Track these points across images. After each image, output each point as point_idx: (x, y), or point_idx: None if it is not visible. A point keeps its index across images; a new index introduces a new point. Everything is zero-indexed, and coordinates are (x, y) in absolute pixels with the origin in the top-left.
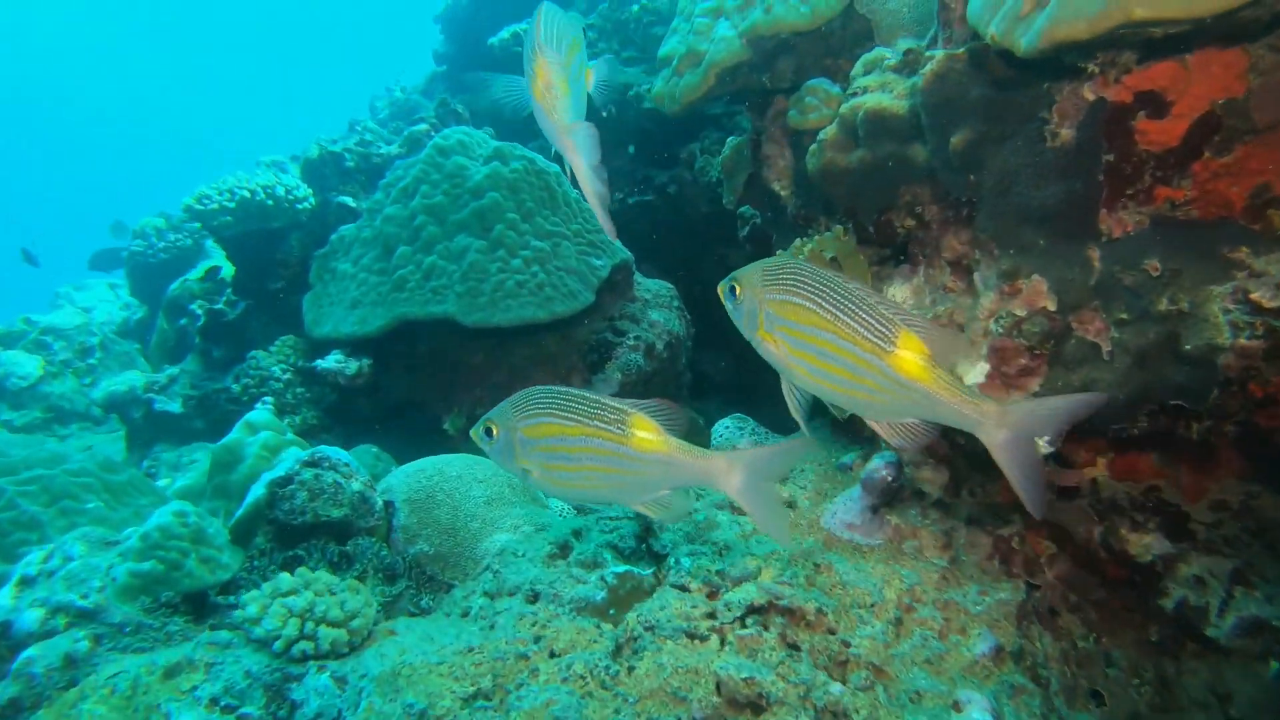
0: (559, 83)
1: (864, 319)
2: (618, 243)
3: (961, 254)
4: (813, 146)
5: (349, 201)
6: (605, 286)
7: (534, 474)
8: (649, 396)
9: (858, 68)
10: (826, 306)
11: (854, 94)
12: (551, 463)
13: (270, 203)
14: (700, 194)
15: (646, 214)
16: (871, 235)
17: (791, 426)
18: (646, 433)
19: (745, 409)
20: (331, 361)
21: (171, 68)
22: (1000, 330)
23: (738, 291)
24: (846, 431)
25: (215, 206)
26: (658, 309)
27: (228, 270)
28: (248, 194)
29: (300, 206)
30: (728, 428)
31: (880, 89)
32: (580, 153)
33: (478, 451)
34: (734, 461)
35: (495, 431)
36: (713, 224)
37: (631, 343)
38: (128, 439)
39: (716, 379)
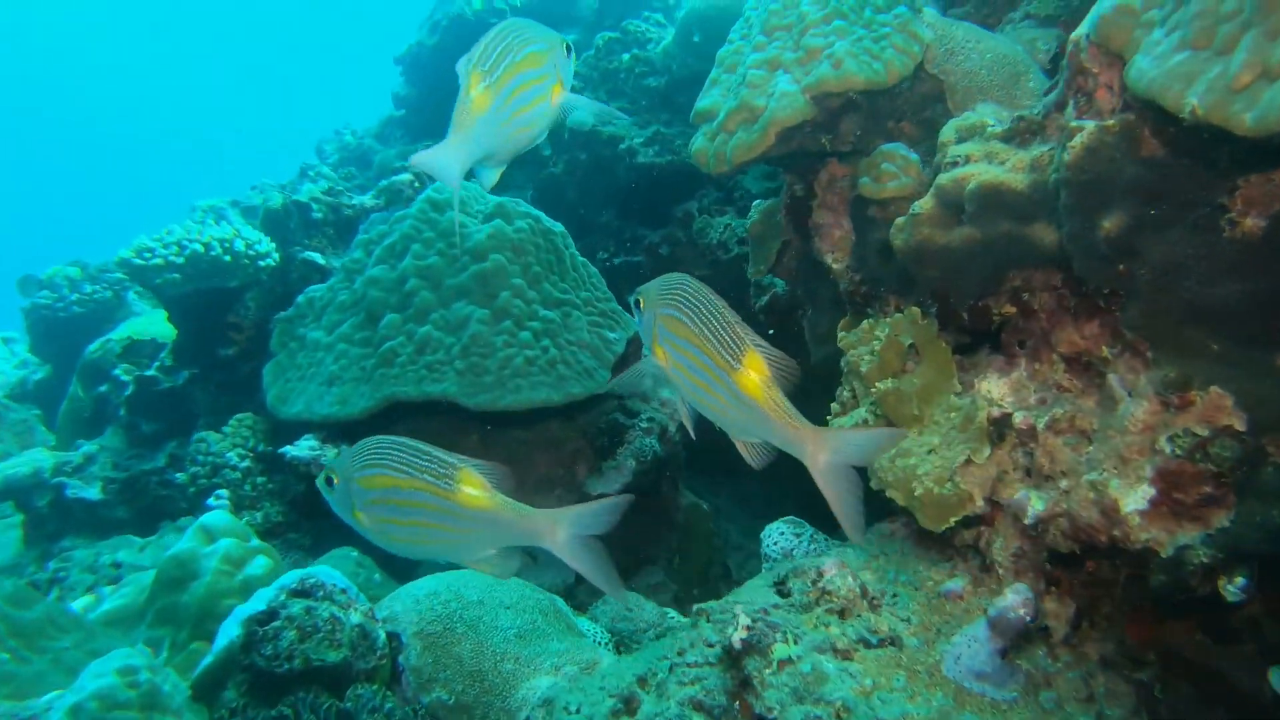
0: (469, 100)
1: (722, 336)
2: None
3: (1084, 349)
4: (900, 220)
5: (316, 258)
6: (618, 362)
7: (367, 525)
8: (660, 484)
9: (949, 132)
10: (696, 321)
11: (952, 163)
12: (384, 515)
13: (228, 259)
14: (698, 256)
15: (635, 277)
16: (963, 321)
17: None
18: (473, 489)
19: (731, 485)
20: (304, 449)
21: (172, 67)
22: (1179, 451)
23: (641, 305)
24: (936, 543)
25: (159, 262)
26: (667, 386)
27: (160, 330)
28: (200, 248)
29: (263, 264)
30: (783, 534)
31: (986, 159)
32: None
33: None
34: (557, 520)
35: (335, 481)
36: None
37: (645, 425)
38: (26, 530)
39: (697, 449)
